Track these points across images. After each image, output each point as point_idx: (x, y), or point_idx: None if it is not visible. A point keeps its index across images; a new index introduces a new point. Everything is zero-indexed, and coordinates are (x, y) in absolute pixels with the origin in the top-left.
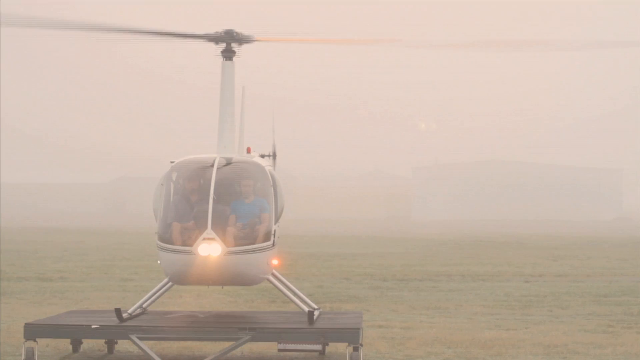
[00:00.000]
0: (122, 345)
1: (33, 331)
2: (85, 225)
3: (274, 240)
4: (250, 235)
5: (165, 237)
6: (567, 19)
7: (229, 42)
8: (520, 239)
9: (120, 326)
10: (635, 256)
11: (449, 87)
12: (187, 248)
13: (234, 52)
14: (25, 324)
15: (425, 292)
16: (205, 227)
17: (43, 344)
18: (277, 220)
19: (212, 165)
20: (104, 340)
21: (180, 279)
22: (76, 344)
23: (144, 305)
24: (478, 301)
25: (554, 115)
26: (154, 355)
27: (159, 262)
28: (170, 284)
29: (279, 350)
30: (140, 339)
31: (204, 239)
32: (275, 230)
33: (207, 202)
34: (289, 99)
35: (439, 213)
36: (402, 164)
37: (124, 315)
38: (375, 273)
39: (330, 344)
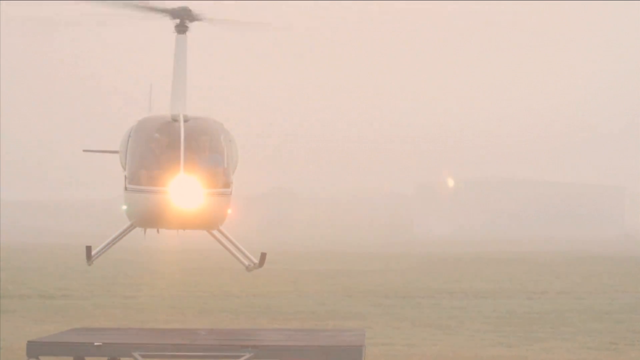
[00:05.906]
0: None
1: (36, 349)
2: (88, 243)
3: (231, 189)
4: (216, 180)
5: (139, 180)
6: None
7: (182, 17)
8: (522, 255)
9: (123, 344)
10: (637, 273)
11: (451, 103)
12: (162, 189)
13: (187, 27)
14: (28, 341)
15: (428, 309)
16: (179, 171)
17: None
18: (233, 172)
19: (179, 119)
20: (107, 358)
21: (150, 219)
22: None
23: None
24: (480, 318)
25: (557, 133)
26: None
27: (124, 207)
28: (131, 228)
29: None
30: (143, 356)
31: (179, 179)
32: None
33: (179, 150)
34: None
35: (441, 230)
36: (405, 182)
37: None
38: (377, 290)
39: None
